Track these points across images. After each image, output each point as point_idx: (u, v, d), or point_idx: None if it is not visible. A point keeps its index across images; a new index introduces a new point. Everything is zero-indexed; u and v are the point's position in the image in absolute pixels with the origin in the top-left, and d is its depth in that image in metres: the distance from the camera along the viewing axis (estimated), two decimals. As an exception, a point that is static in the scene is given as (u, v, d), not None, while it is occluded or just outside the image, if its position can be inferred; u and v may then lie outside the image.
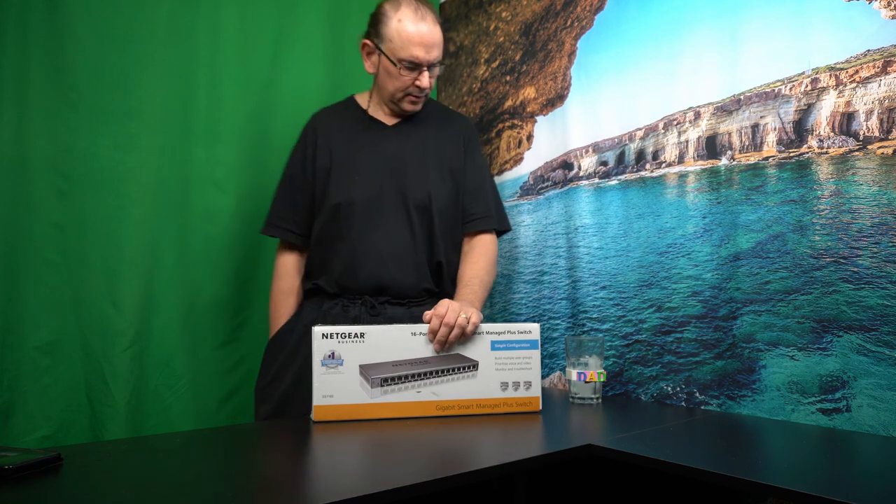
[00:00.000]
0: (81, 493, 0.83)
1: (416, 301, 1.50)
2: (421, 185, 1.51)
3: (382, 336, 1.27)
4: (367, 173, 1.51)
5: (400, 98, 1.51)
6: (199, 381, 1.63)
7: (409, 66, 1.45)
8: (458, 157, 1.59)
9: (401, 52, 1.44)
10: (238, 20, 1.72)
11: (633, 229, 1.63)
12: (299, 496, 0.86)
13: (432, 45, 1.45)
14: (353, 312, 1.47)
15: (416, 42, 1.43)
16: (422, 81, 1.47)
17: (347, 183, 1.50)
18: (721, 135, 1.48)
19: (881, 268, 1.20)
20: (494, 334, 1.33)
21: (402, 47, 1.43)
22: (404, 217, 1.50)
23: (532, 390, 1.32)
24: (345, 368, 1.23)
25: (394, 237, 1.48)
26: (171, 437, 1.27)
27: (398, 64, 1.45)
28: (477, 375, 1.29)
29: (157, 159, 1.57)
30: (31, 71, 1.43)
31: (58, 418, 1.44)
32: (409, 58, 1.44)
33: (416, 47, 1.43)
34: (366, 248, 1.47)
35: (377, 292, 1.48)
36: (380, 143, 1.55)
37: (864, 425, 1.20)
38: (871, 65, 1.24)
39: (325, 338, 1.23)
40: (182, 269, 1.62)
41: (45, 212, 1.45)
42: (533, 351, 1.33)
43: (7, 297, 1.40)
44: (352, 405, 1.22)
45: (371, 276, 1.46)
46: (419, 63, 1.45)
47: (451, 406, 1.27)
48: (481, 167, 1.64)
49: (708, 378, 1.44)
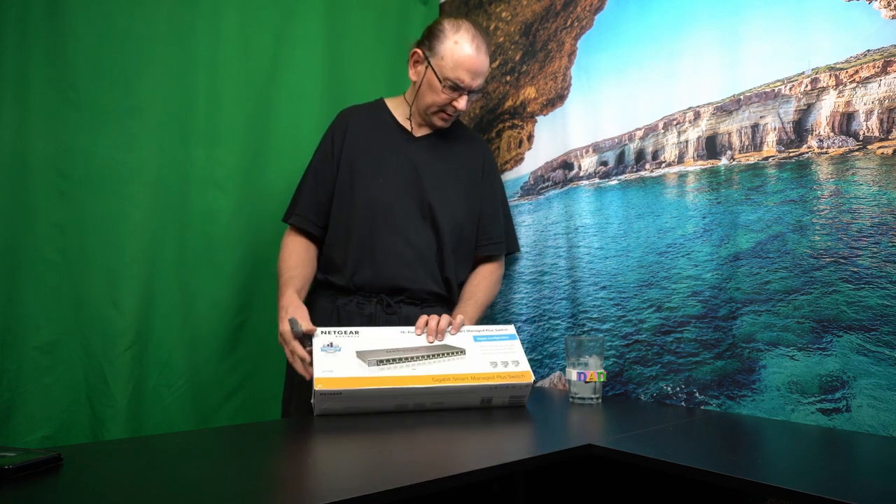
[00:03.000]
0: (81, 493, 0.83)
1: (429, 303, 1.55)
2: (438, 199, 1.57)
3: (375, 333, 1.37)
4: (390, 177, 1.56)
5: (434, 112, 1.57)
6: (198, 381, 1.63)
7: (452, 86, 1.51)
8: (477, 179, 1.66)
9: (449, 71, 1.50)
10: (238, 20, 1.72)
11: (633, 229, 1.63)
12: (299, 496, 0.86)
13: (479, 74, 1.52)
14: (369, 310, 1.51)
15: (466, 67, 1.49)
16: (459, 104, 1.53)
17: (371, 183, 1.55)
18: (721, 135, 1.48)
19: (881, 268, 1.20)
20: (475, 331, 1.44)
21: (452, 68, 1.50)
22: (421, 225, 1.55)
23: (521, 366, 1.37)
24: (343, 353, 1.30)
25: (411, 241, 1.53)
26: (171, 438, 1.27)
27: (443, 81, 1.51)
28: (466, 358, 1.36)
29: (157, 159, 1.57)
30: (31, 71, 1.43)
31: (58, 418, 1.44)
32: (455, 79, 1.50)
33: (465, 72, 1.49)
34: (384, 248, 1.51)
35: (394, 292, 1.51)
36: (406, 150, 1.60)
37: (864, 425, 1.20)
38: (871, 65, 1.24)
39: (324, 333, 1.34)
40: (182, 269, 1.62)
41: (45, 212, 1.45)
42: (513, 341, 1.43)
43: (7, 297, 1.40)
44: (351, 377, 1.26)
45: (391, 276, 1.51)
46: (462, 87, 1.51)
47: (447, 378, 1.30)
48: (498, 191, 1.72)
49: (708, 378, 1.44)
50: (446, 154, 1.63)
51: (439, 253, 1.56)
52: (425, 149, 1.61)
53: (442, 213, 1.56)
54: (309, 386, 1.28)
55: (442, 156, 1.62)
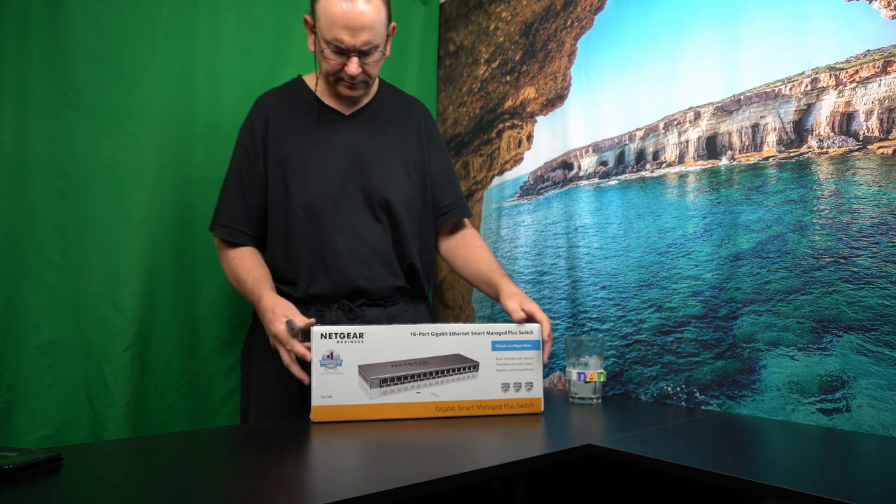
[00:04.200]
0: (81, 493, 0.83)
1: (392, 301, 1.47)
2: (385, 183, 1.44)
3: (382, 336, 1.26)
4: (327, 170, 1.42)
5: (333, 82, 1.40)
6: (198, 381, 1.63)
7: (335, 49, 1.32)
8: (421, 147, 1.53)
9: (325, 32, 1.32)
10: (238, 20, 1.72)
11: (633, 229, 1.63)
12: (299, 496, 0.86)
13: (360, 29, 1.29)
14: (330, 317, 1.41)
15: (340, 24, 1.29)
16: (349, 68, 1.34)
17: (308, 181, 1.42)
18: (721, 135, 1.48)
19: (881, 268, 1.20)
20: (496, 334, 1.31)
21: (326, 27, 1.31)
22: (370, 216, 1.43)
23: (533, 391, 1.31)
24: (343, 368, 1.22)
25: (362, 237, 1.42)
26: (171, 437, 1.27)
27: (324, 46, 1.33)
28: (477, 376, 1.28)
29: (157, 159, 1.57)
30: (31, 71, 1.43)
31: (58, 418, 1.44)
32: (334, 39, 1.31)
33: (340, 29, 1.29)
34: (335, 251, 1.40)
35: (353, 296, 1.42)
36: (338, 135, 1.45)
37: (864, 425, 1.20)
38: (871, 65, 1.24)
39: (323, 338, 1.22)
40: (182, 269, 1.62)
41: (45, 212, 1.45)
42: (534, 351, 1.32)
43: (7, 297, 1.40)
44: (351, 406, 1.21)
45: (345, 280, 1.40)
46: (343, 47, 1.32)
47: (451, 407, 1.26)
48: (445, 155, 1.59)
49: (708, 378, 1.44)
50: (384, 127, 1.48)
51: (397, 241, 1.44)
52: (358, 129, 1.45)
53: (393, 198, 1.43)
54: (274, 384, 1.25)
55: (379, 131, 1.47)
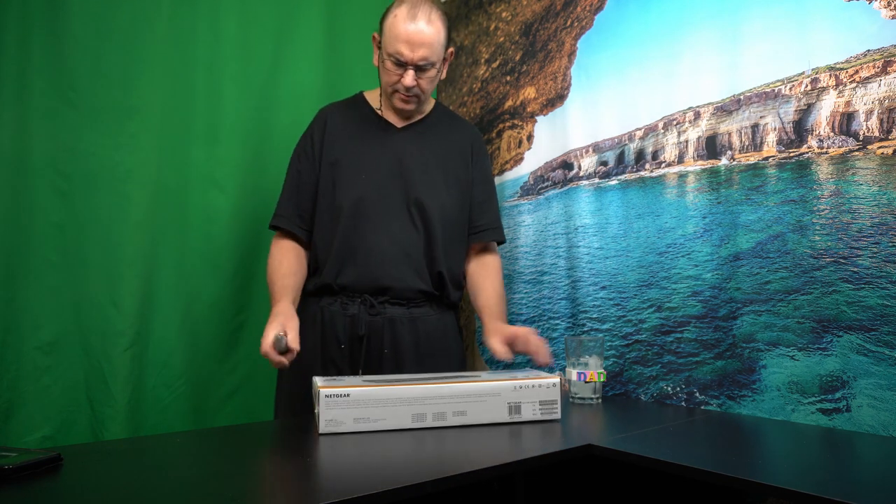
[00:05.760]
0: (81, 493, 0.83)
1: (416, 302, 1.51)
2: (425, 192, 1.52)
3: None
4: (373, 173, 1.52)
5: (390, 94, 1.53)
6: (198, 381, 1.63)
7: (395, 62, 1.46)
8: (466, 166, 1.61)
9: (388, 46, 1.46)
10: (238, 20, 1.72)
11: (633, 229, 1.63)
12: (299, 496, 0.86)
13: (418, 45, 1.45)
14: (352, 310, 1.47)
15: (402, 39, 1.44)
16: (405, 80, 1.47)
17: (354, 182, 1.51)
18: (721, 135, 1.48)
19: (881, 268, 1.20)
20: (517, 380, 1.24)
21: (390, 42, 1.45)
22: (408, 221, 1.51)
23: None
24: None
25: (396, 238, 1.49)
26: (171, 437, 1.27)
27: (386, 58, 1.47)
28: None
29: (157, 159, 1.57)
30: (31, 71, 1.43)
31: (58, 418, 1.44)
32: (395, 53, 1.45)
33: (402, 44, 1.44)
34: (366, 246, 1.48)
35: (378, 292, 1.48)
36: (388, 144, 1.56)
37: (864, 425, 1.20)
38: (871, 65, 1.24)
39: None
40: (182, 269, 1.62)
41: (45, 212, 1.45)
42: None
43: (7, 297, 1.40)
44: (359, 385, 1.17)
45: (369, 275, 1.47)
46: (403, 60, 1.46)
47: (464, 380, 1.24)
48: (489, 179, 1.67)
49: (708, 378, 1.43)
50: (432, 142, 1.59)
51: (429, 248, 1.52)
52: (409, 139, 1.57)
53: (431, 206, 1.52)
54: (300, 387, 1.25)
55: (427, 145, 1.58)
